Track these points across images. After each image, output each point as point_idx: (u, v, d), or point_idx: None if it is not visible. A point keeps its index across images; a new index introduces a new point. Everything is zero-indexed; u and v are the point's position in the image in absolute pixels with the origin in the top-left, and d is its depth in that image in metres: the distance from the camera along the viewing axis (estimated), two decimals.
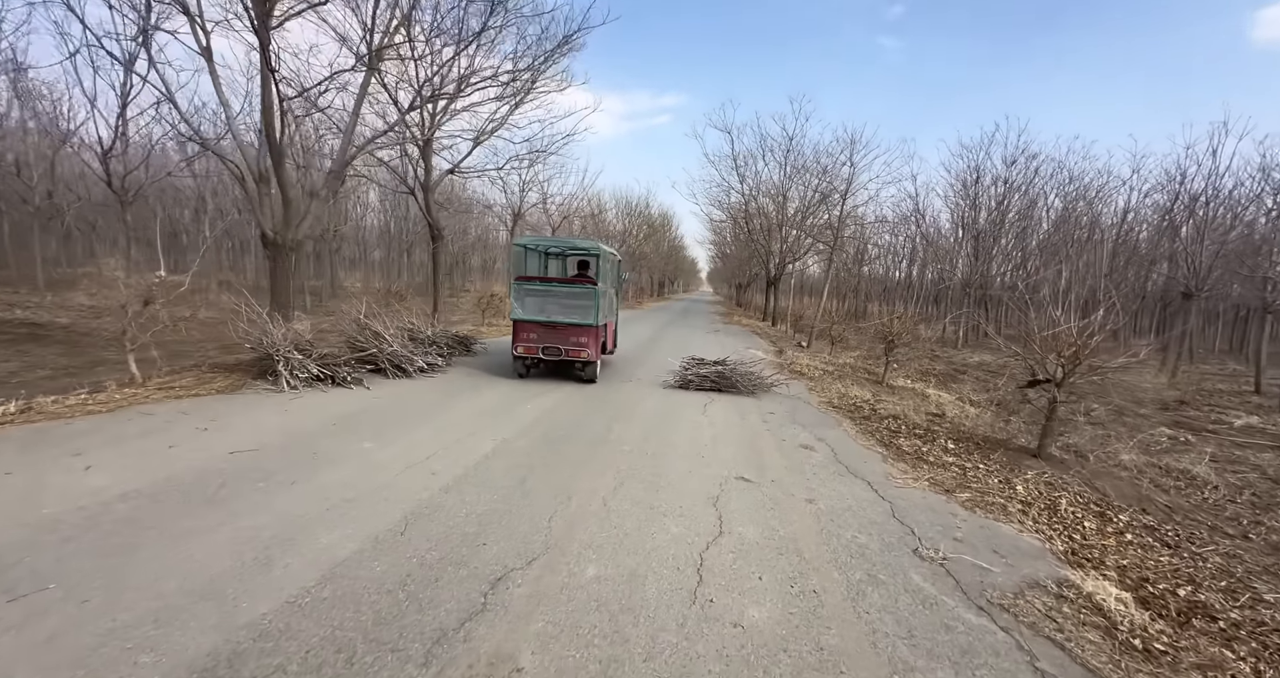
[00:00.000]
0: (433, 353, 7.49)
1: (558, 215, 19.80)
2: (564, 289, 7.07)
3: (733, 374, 7.63)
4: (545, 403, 6.03)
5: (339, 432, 4.39)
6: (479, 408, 5.58)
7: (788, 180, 21.73)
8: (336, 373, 5.97)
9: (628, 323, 18.03)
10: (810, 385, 8.71)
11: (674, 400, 6.74)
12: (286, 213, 7.29)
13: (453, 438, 4.50)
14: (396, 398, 5.72)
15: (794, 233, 22.78)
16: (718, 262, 58.62)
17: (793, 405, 7.00)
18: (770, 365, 10.49)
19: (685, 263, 73.45)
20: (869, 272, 32.09)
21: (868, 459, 4.89)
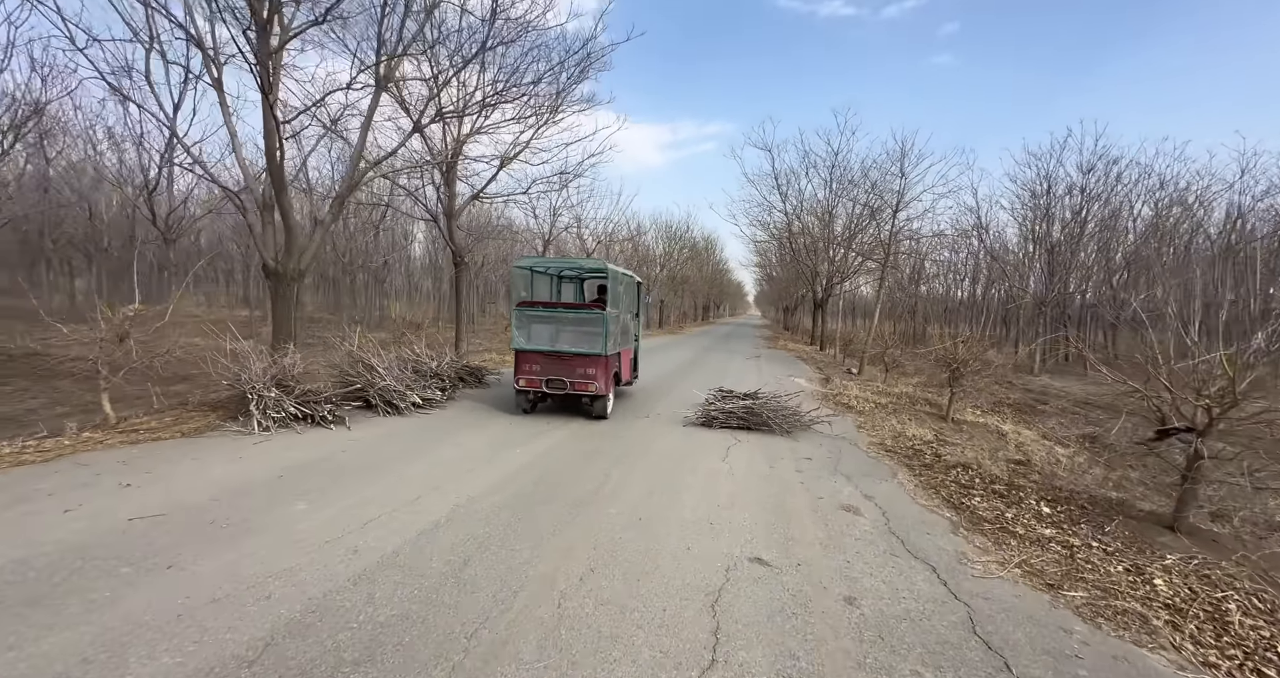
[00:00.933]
0: (433, 387, 6.90)
1: (592, 240, 19.45)
2: (570, 315, 6.35)
3: (764, 409, 6.60)
4: (540, 446, 5.24)
5: (279, 488, 3.75)
6: (461, 453, 4.85)
7: (833, 197, 20.59)
8: (316, 412, 5.44)
9: (663, 349, 17.18)
10: (859, 422, 7.52)
11: (692, 443, 5.79)
12: (288, 241, 7.02)
13: (409, 496, 3.76)
14: (373, 441, 5.09)
15: (841, 251, 21.45)
16: (764, 284, 57.10)
17: (836, 449, 5.88)
18: (813, 397, 9.33)
19: (731, 286, 72.17)
20: (927, 291, 29.93)
21: (932, 529, 3.76)
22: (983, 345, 9.45)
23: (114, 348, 5.10)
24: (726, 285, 63.48)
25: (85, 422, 5.09)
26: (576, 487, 4.16)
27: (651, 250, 30.21)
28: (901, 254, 20.48)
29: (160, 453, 4.36)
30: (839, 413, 8.06)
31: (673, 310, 38.15)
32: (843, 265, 21.41)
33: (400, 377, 6.68)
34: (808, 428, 6.69)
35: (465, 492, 3.90)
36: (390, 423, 5.86)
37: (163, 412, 5.56)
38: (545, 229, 16.35)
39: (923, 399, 9.93)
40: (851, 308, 43.57)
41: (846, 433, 6.73)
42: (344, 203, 7.54)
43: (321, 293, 27.97)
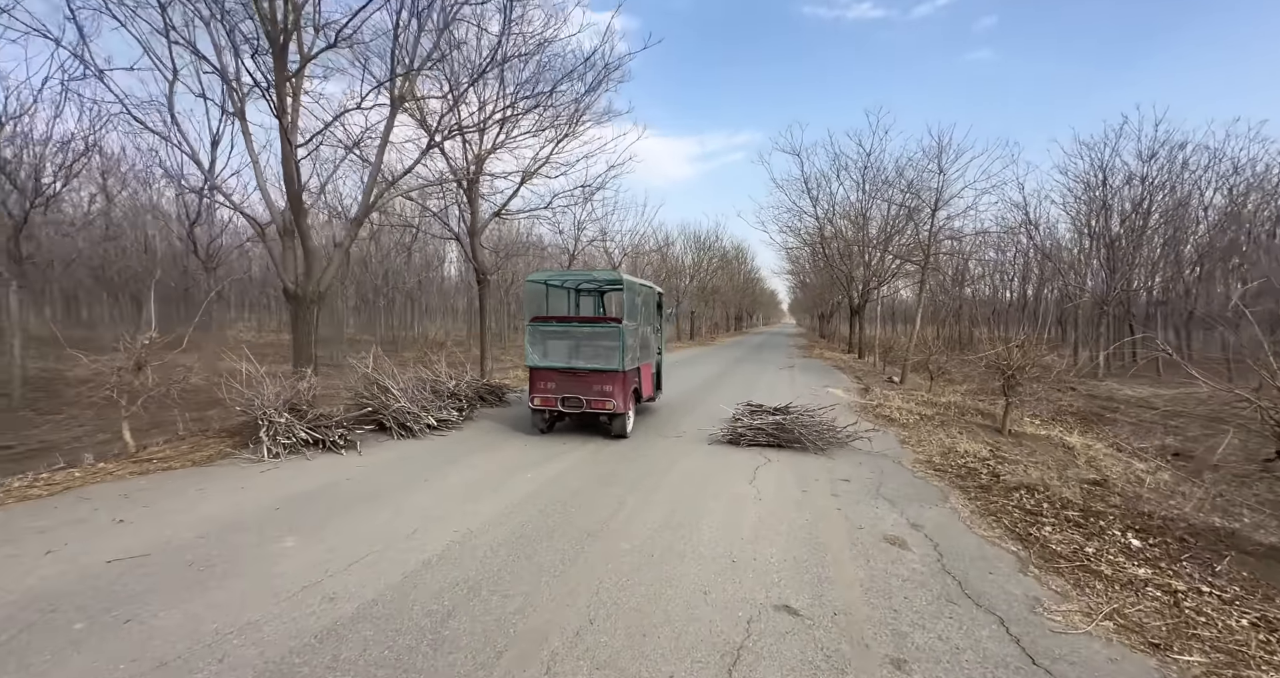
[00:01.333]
0: (449, 407, 6.72)
1: (618, 253, 19.30)
2: (584, 330, 6.07)
3: (796, 425, 6.11)
4: (553, 470, 4.92)
5: (272, 522, 3.54)
6: (469, 479, 4.58)
7: (867, 199, 19.82)
8: (327, 437, 5.29)
9: (691, 362, 16.73)
10: (903, 436, 6.91)
11: (717, 463, 5.36)
12: (308, 265, 7.04)
13: (405, 529, 3.49)
14: (380, 467, 4.89)
15: (877, 254, 20.59)
16: (797, 292, 55.82)
17: (877, 468, 5.34)
18: (850, 409, 8.72)
19: (764, 295, 71.01)
20: (972, 293, 28.45)
21: (996, 566, 3.23)
22: (1040, 349, 8.64)
23: (132, 376, 5.10)
24: (759, 295, 62.46)
25: (108, 451, 5.10)
26: (587, 517, 3.81)
27: (680, 261, 29.91)
28: (943, 255, 19.50)
29: (166, 484, 4.26)
30: (880, 427, 7.46)
31: (703, 321, 37.61)
32: (879, 269, 20.53)
33: (416, 398, 6.52)
34: (845, 445, 6.16)
35: (466, 524, 3.61)
36: (402, 446, 5.67)
37: (182, 439, 5.53)
38: (570, 244, 16.27)
39: (974, 409, 9.16)
40: (891, 313, 42.00)
41: (889, 450, 6.15)
42: (361, 224, 7.55)
43: (362, 314, 28.83)
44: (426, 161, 11.20)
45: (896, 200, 16.43)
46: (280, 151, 6.60)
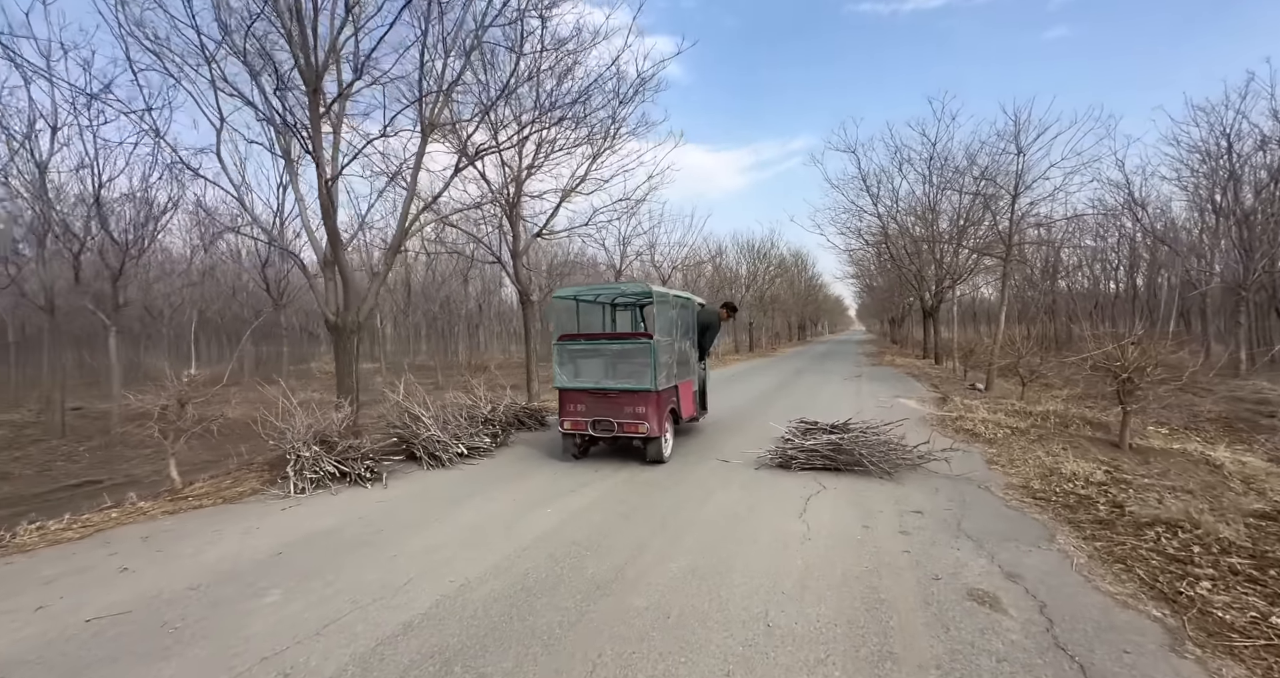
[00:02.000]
0: (482, 434, 6.48)
1: (667, 266, 18.92)
2: (613, 347, 5.65)
3: (856, 444, 5.32)
4: (576, 503, 4.47)
5: (266, 571, 3.32)
6: (484, 516, 4.22)
7: (935, 191, 18.29)
8: (354, 470, 5.15)
9: (747, 375, 15.88)
10: (991, 454, 5.91)
11: (762, 492, 4.70)
12: (347, 295, 7.14)
13: (398, 580, 3.14)
14: (399, 503, 4.64)
15: (949, 250, 18.91)
16: (864, 296, 52.84)
17: (959, 496, 4.48)
18: (926, 423, 7.70)
19: (828, 302, 68.09)
20: (1067, 285, 25.57)
21: (1134, 641, 2.41)
22: (1162, 345, 7.27)
23: (177, 413, 5.22)
24: (823, 302, 59.88)
25: (159, 488, 5.22)
26: (601, 563, 3.31)
27: (734, 271, 29.09)
28: (1028, 245, 17.57)
29: (187, 525, 4.20)
30: (961, 444, 6.45)
31: (763, 332, 36.31)
32: (953, 266, 18.81)
33: (449, 425, 6.34)
34: (917, 466, 5.29)
35: (465, 573, 3.22)
36: (429, 477, 5.43)
37: (227, 474, 5.60)
38: (616, 259, 16.09)
39: (1079, 419, 7.84)
40: (972, 314, 38.72)
41: (973, 471, 5.22)
42: (397, 252, 7.62)
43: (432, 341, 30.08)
44: (465, 187, 11.41)
45: (970, 189, 14.94)
46: (317, 184, 6.76)
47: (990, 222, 14.42)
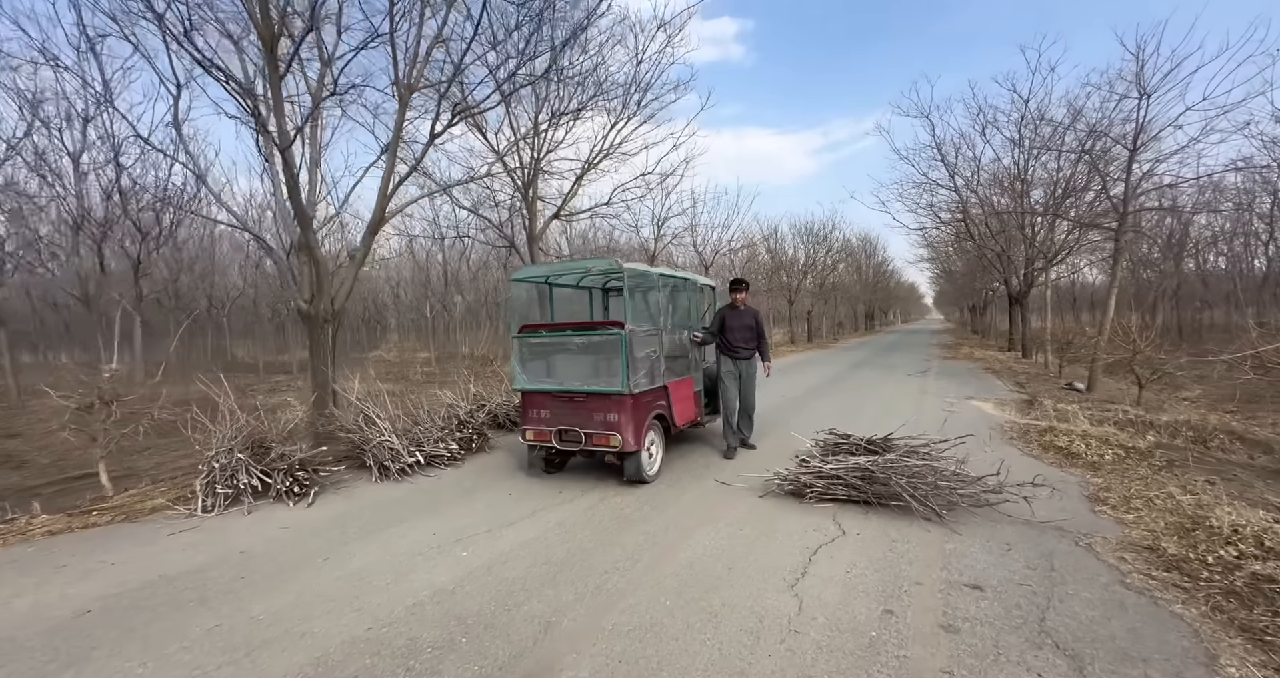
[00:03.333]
0: (450, 440, 5.64)
1: (709, 250, 17.51)
2: (578, 340, 4.57)
3: (893, 472, 3.95)
4: (508, 541, 3.47)
5: (67, 635, 2.57)
6: (389, 553, 3.31)
7: (1027, 157, 15.61)
8: (279, 482, 4.41)
9: (797, 368, 14.26)
10: (1096, 486, 4.33)
11: (757, 535, 3.49)
12: (318, 281, 6.52)
13: (214, 665, 2.28)
14: (307, 530, 3.84)
15: (1043, 225, 16.20)
16: (941, 282, 48.15)
17: (1043, 558, 3.07)
18: (1002, 434, 6.07)
19: (900, 289, 63.29)
20: (1197, 265, 21.57)
21: None
22: None
23: (102, 412, 4.73)
24: (894, 288, 55.58)
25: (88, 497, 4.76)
26: (474, 659, 2.29)
27: (790, 257, 27.02)
28: (1147, 214, 14.63)
29: (53, 551, 3.58)
30: (1052, 466, 4.88)
31: (824, 321, 33.84)
32: (1048, 244, 16.10)
33: (416, 428, 5.55)
34: (983, 504, 3.85)
35: (340, 634, 2.33)
36: (367, 494, 4.63)
37: (157, 483, 5.08)
38: (650, 244, 14.92)
39: (1224, 433, 5.90)
40: (1071, 299, 34.14)
41: (1068, 516, 3.72)
42: (376, 233, 6.92)
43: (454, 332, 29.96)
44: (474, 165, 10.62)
45: (1072, 149, 12.42)
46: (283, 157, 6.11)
47: (1099, 187, 11.92)
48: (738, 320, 5.52)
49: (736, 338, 5.49)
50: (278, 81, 5.99)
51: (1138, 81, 9.44)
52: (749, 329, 5.54)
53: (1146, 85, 9.32)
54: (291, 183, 6.18)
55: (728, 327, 5.52)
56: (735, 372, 5.55)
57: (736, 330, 5.50)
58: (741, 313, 5.55)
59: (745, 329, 5.51)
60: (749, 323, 5.55)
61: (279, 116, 5.87)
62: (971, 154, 17.36)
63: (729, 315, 5.56)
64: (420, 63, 6.71)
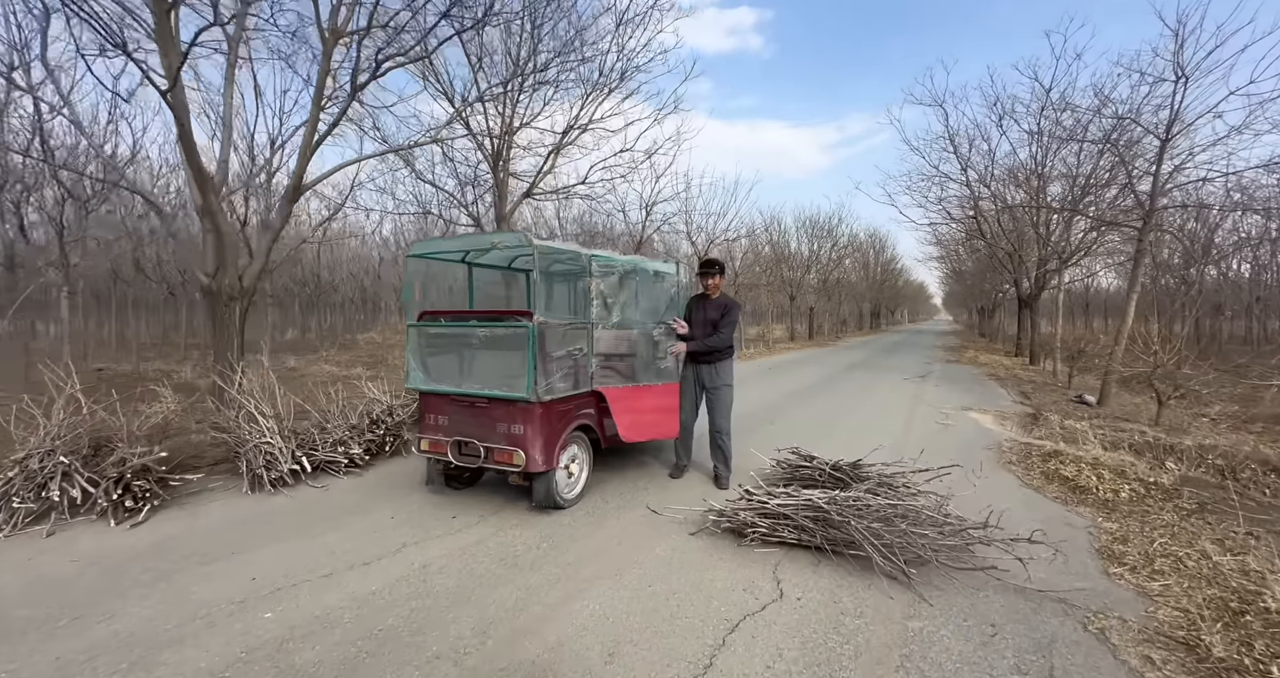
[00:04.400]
0: (355, 442, 4.85)
1: (703, 239, 16.55)
2: (482, 332, 3.73)
3: (855, 513, 3.11)
4: (339, 594, 2.67)
5: None
6: (163, 614, 2.52)
7: (1045, 151, 14.49)
8: (103, 494, 3.59)
9: (789, 367, 13.38)
10: (1109, 535, 3.49)
11: (670, 594, 2.67)
12: (220, 251, 5.70)
13: None
14: (99, 567, 3.05)
15: (1059, 224, 15.17)
16: (951, 282, 46.71)
17: (1040, 651, 2.23)
18: (1000, 455, 5.22)
19: (909, 288, 61.86)
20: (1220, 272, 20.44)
21: None
22: None
23: None
24: (902, 287, 54.23)
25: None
26: None
27: (794, 250, 25.98)
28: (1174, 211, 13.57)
29: None
30: (1054, 502, 4.04)
31: (826, 318, 32.84)
32: (1062, 244, 15.07)
33: (309, 430, 4.77)
34: (962, 557, 3.01)
35: None
36: (226, 509, 3.84)
37: None
38: (640, 227, 14.00)
39: (1260, 463, 5.00)
40: (1084, 305, 32.93)
41: (1074, 577, 2.88)
42: (295, 200, 6.08)
43: None
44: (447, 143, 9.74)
45: (1096, 137, 11.35)
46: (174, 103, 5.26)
47: (1124, 182, 10.88)
48: (700, 313, 4.45)
49: (696, 335, 4.43)
50: (164, 12, 5.09)
51: (1175, 61, 8.39)
52: (712, 324, 4.38)
53: (1185, 65, 8.28)
54: (184, 135, 5.33)
55: (690, 320, 4.50)
56: (693, 378, 4.47)
57: (697, 325, 4.43)
58: (710, 304, 4.44)
59: (707, 324, 4.40)
60: (713, 317, 4.38)
61: (166, 54, 4.98)
62: (986, 146, 16.23)
63: (695, 307, 4.53)
64: (349, 4, 5.82)
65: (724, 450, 4.38)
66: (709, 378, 4.40)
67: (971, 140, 16.44)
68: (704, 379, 4.41)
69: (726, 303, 4.44)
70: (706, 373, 4.40)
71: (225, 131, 6.20)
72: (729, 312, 4.36)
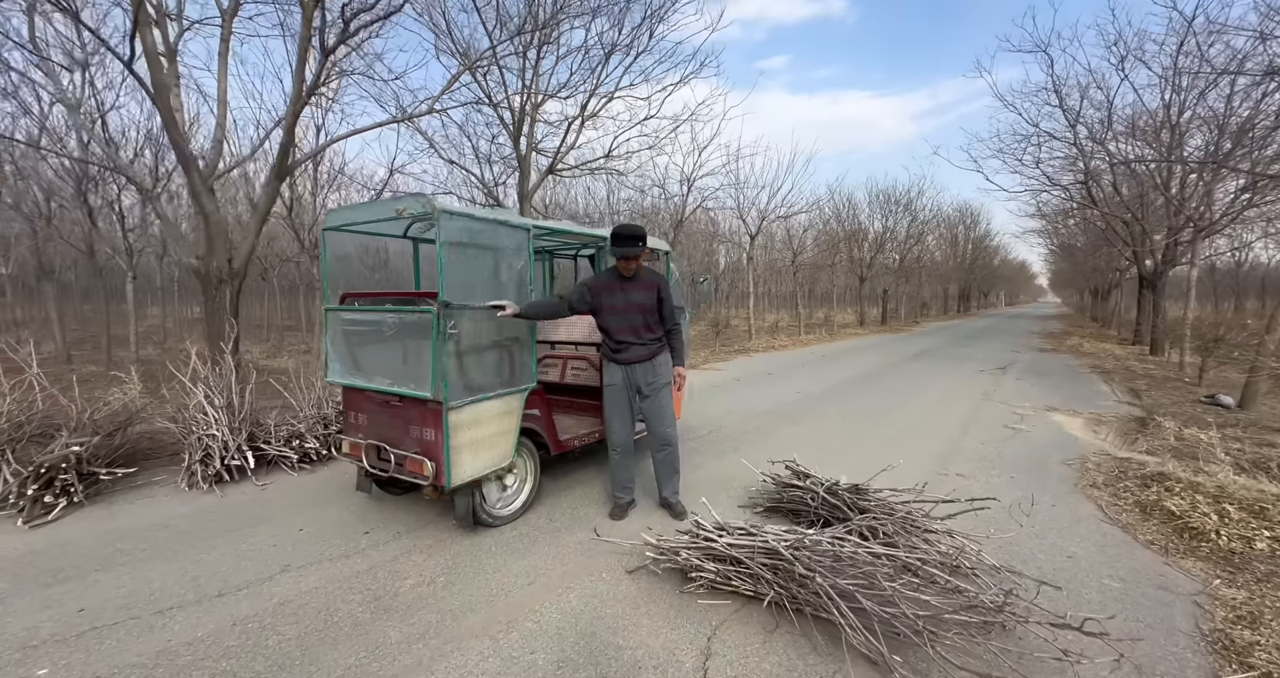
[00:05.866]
0: (313, 437, 4.56)
1: (755, 216, 15.26)
2: (392, 318, 3.17)
3: (822, 566, 2.26)
4: (172, 635, 2.26)
5: None
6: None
7: (1185, 94, 11.76)
8: (18, 488, 3.43)
9: (844, 356, 12.04)
10: (1224, 604, 2.37)
11: (552, 668, 2.02)
12: (208, 233, 5.61)
13: None
14: None
15: (1197, 183, 12.46)
16: (1058, 259, 40.86)
17: None
18: (1082, 474, 4.03)
19: (1007, 268, 55.54)
20: None
21: None
22: None
23: None
24: (999, 267, 48.72)
25: None
26: None
27: (867, 226, 23.74)
28: None
29: None
30: (1146, 548, 2.91)
31: (903, 302, 30.04)
32: (1199, 211, 12.33)
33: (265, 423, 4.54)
34: (981, 632, 2.08)
35: None
36: (147, 509, 3.59)
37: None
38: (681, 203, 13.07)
39: None
40: (1234, 283, 27.74)
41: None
42: (284, 178, 5.88)
43: None
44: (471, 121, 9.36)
45: (1257, 70, 8.90)
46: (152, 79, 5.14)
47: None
48: (621, 298, 3.23)
49: (616, 325, 3.26)
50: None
51: None
52: (642, 311, 3.23)
53: None
54: (165, 112, 5.20)
55: (603, 308, 3.27)
56: (622, 383, 3.34)
57: (619, 314, 3.24)
58: (630, 286, 3.23)
59: (635, 311, 3.23)
60: (642, 301, 3.23)
61: (141, 28, 4.82)
62: (1102, 95, 13.59)
63: (604, 290, 3.25)
64: None
65: (673, 467, 3.43)
66: (646, 378, 3.30)
67: (1084, 89, 13.86)
68: (639, 382, 3.31)
69: (657, 282, 3.27)
70: (642, 373, 3.29)
71: (220, 110, 6.09)
72: (665, 288, 3.28)
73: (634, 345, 3.27)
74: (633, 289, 3.23)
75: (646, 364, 3.29)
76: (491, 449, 3.09)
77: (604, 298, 3.25)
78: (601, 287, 3.27)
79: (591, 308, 3.30)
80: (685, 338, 3.36)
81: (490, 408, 3.06)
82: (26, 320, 16.39)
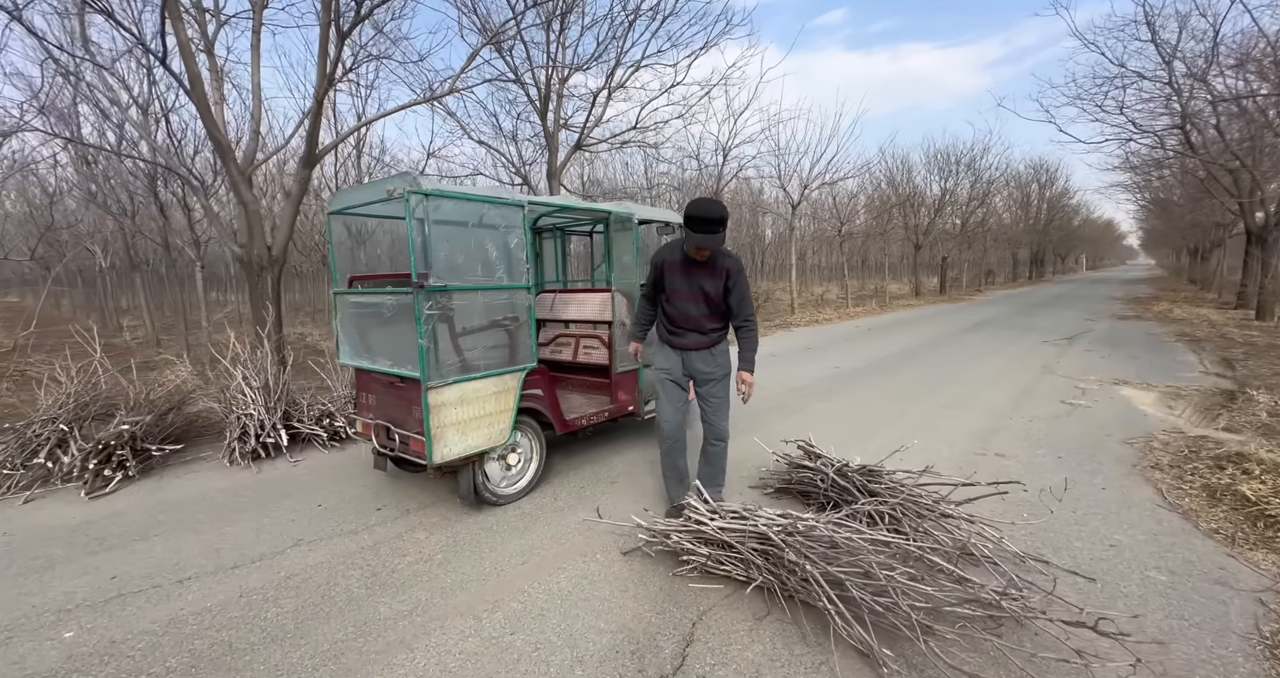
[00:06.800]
0: (343, 416, 4.78)
1: (796, 184, 14.53)
2: (390, 300, 3.20)
3: (813, 552, 2.12)
4: (179, 606, 2.42)
5: None
6: (6, 617, 2.46)
7: None
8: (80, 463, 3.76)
9: (898, 328, 11.39)
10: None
11: (529, 649, 2.01)
12: (248, 221, 5.90)
13: None
14: (24, 537, 3.15)
15: None
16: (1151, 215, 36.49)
17: None
18: (1145, 455, 3.62)
19: (1088, 228, 50.56)
20: None
21: None
22: None
23: None
24: (1078, 228, 44.44)
25: None
26: None
27: (920, 190, 22.16)
28: None
29: None
30: (1209, 537, 2.57)
31: (965, 269, 28.08)
32: None
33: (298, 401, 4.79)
34: (988, 628, 1.89)
35: None
36: (192, 483, 3.86)
37: None
38: (711, 177, 12.60)
39: None
40: None
41: None
42: (314, 165, 6.05)
43: None
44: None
45: None
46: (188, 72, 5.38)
47: None
48: (685, 283, 2.88)
49: (676, 312, 2.96)
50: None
51: None
52: (706, 300, 2.88)
53: None
54: (201, 104, 5.43)
55: (669, 291, 2.96)
56: (673, 374, 3.02)
57: (684, 299, 2.91)
58: (698, 270, 2.85)
59: (699, 300, 2.89)
60: (709, 289, 2.85)
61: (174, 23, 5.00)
62: (1205, 23, 11.86)
63: (672, 272, 2.91)
64: None
65: (720, 465, 3.08)
66: (702, 367, 2.98)
67: (1183, 18, 12.16)
68: (695, 367, 3.00)
69: (728, 266, 2.82)
70: (700, 361, 2.98)
71: (255, 101, 6.32)
72: (736, 277, 2.84)
73: (689, 332, 2.97)
74: (700, 275, 2.84)
75: (705, 352, 2.98)
76: (484, 428, 3.10)
77: (669, 279, 2.93)
78: (670, 266, 2.92)
79: (659, 290, 3.04)
80: (752, 343, 2.93)
81: (480, 387, 3.05)
82: (129, 309, 18.13)
